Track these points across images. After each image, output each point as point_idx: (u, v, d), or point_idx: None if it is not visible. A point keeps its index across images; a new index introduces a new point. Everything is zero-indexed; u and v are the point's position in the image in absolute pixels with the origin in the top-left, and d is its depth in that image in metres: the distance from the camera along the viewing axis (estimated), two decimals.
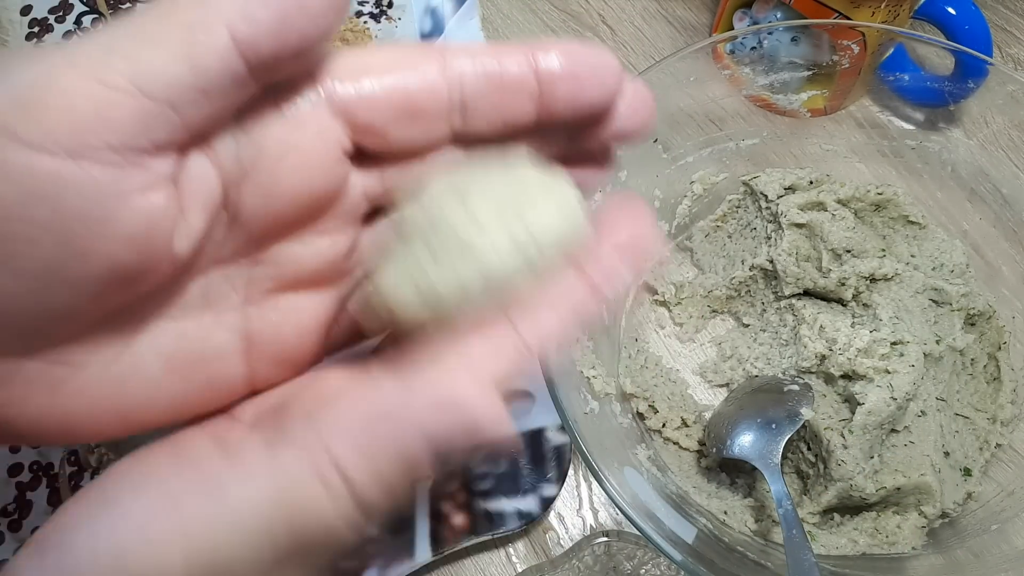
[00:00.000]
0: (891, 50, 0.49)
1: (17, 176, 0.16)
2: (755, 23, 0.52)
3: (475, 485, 0.42)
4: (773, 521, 0.41)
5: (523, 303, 0.21)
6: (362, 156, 0.21)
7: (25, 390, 0.19)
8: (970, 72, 0.45)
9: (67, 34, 0.58)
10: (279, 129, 0.20)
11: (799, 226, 0.45)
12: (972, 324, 0.45)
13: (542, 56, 0.21)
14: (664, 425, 0.44)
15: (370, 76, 0.20)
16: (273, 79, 0.19)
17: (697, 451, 0.44)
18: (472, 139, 0.22)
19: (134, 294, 0.19)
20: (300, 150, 0.20)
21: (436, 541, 0.41)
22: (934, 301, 0.45)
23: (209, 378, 0.22)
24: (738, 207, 0.49)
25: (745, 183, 0.48)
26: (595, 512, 0.44)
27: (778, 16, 0.51)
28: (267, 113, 0.19)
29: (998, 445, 0.43)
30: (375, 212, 0.23)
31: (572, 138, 0.23)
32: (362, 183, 0.22)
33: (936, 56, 0.49)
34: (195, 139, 0.18)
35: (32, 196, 0.17)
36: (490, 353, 0.20)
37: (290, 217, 0.21)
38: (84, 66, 0.17)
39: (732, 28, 0.54)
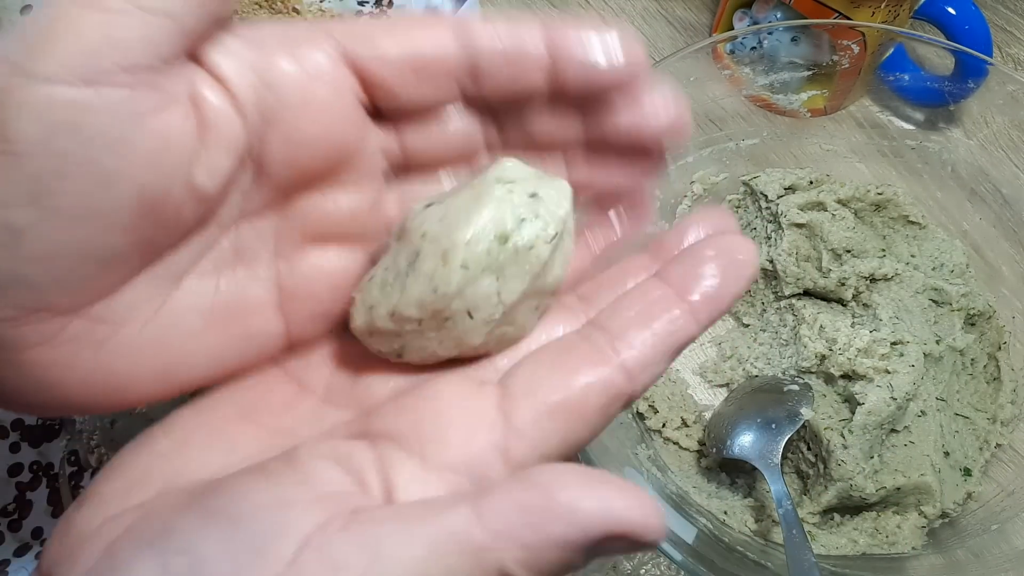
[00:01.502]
0: (891, 50, 0.49)
1: (40, 111, 0.17)
2: (755, 23, 0.52)
3: None
4: (773, 521, 0.41)
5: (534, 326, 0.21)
6: (379, 114, 0.22)
7: (72, 349, 0.20)
8: (970, 72, 0.45)
9: None
10: (297, 80, 0.20)
11: (799, 226, 0.45)
12: (972, 324, 0.45)
13: (558, 29, 0.21)
14: (664, 425, 0.44)
15: (383, 35, 0.21)
16: None
17: (697, 451, 0.44)
18: (485, 103, 0.22)
19: (164, 230, 0.20)
20: (319, 100, 0.21)
21: None
22: (934, 301, 0.45)
23: (247, 332, 0.22)
24: (738, 207, 0.49)
25: (745, 183, 0.48)
26: None
27: (778, 16, 0.51)
28: (285, 65, 0.20)
29: (998, 445, 0.43)
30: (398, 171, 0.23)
31: (595, 130, 0.22)
32: (380, 140, 0.22)
33: (936, 56, 0.49)
34: (202, 40, 0.19)
35: (56, 128, 0.17)
36: (597, 390, 0.19)
37: (313, 168, 0.21)
38: None
39: (732, 28, 0.54)
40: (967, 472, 0.42)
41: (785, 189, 0.47)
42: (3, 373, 0.20)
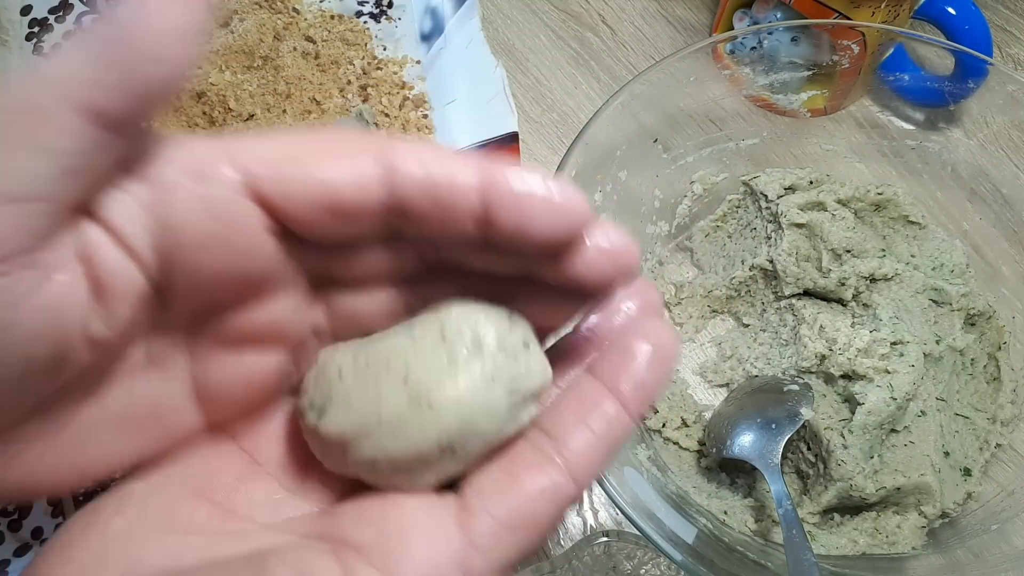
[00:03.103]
0: (891, 50, 0.49)
1: None
2: (755, 23, 0.52)
3: None
4: (773, 521, 0.41)
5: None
6: (294, 235, 0.20)
7: None
8: (970, 72, 0.45)
9: (67, 34, 0.58)
10: (197, 219, 0.19)
11: (799, 226, 0.45)
12: (972, 324, 0.45)
13: (494, 175, 0.19)
14: (664, 425, 0.44)
15: (294, 166, 0.19)
16: (138, 126, 0.18)
17: (697, 451, 0.44)
18: (413, 237, 0.21)
19: (61, 380, 0.19)
20: (220, 237, 0.19)
21: None
22: (934, 301, 0.45)
23: (166, 429, 0.22)
24: (738, 207, 0.49)
25: (745, 183, 0.48)
26: (595, 512, 0.44)
27: (778, 16, 0.51)
28: (183, 205, 0.19)
29: (998, 445, 0.43)
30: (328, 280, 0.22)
31: (534, 270, 0.21)
32: (297, 261, 0.21)
33: (936, 56, 0.49)
34: (81, 208, 0.18)
35: None
36: (535, 494, 0.20)
37: (221, 297, 0.21)
38: None
39: (732, 28, 0.54)
40: (967, 472, 0.42)
41: (785, 189, 0.47)
42: None
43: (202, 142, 0.20)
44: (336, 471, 0.22)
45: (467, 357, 0.21)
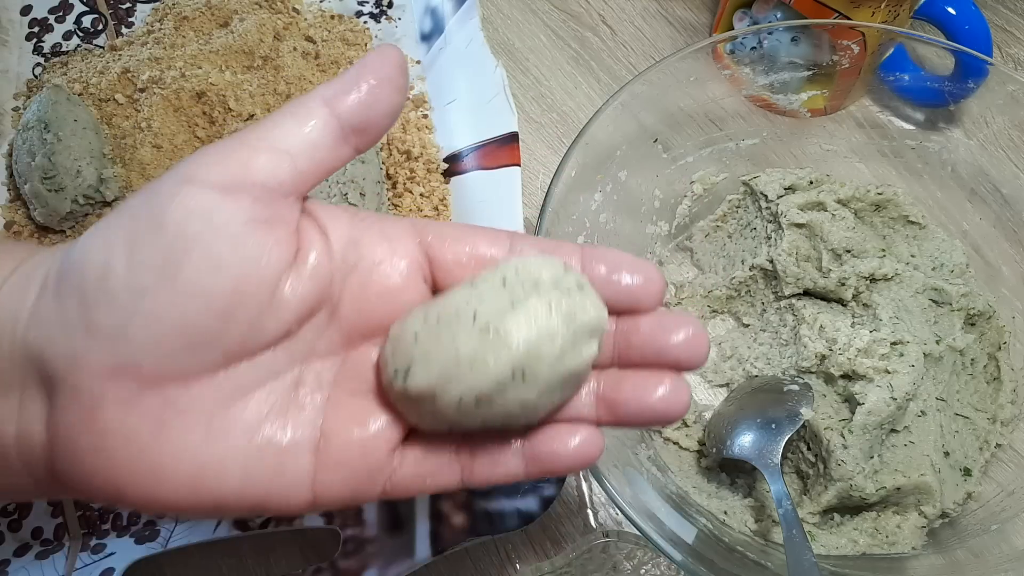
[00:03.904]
0: (891, 50, 0.49)
1: (187, 202, 0.23)
2: (755, 23, 0.52)
3: None
4: (773, 521, 0.41)
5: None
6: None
7: (136, 422, 0.23)
8: (970, 72, 0.45)
9: (67, 34, 0.58)
10: (380, 247, 0.26)
11: (799, 226, 0.45)
12: (972, 324, 0.45)
13: (597, 253, 0.27)
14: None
15: (454, 232, 0.27)
16: (363, 143, 0.26)
17: (697, 451, 0.44)
18: None
19: (247, 330, 0.23)
20: (393, 266, 0.26)
21: (436, 541, 0.41)
22: (934, 301, 0.45)
23: (278, 465, 0.24)
24: (738, 207, 0.49)
25: (745, 183, 0.48)
26: (595, 512, 0.44)
27: (778, 16, 0.51)
28: (374, 234, 0.26)
29: (998, 445, 0.43)
30: None
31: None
32: None
33: (936, 56, 0.49)
34: (308, 186, 0.25)
35: (191, 215, 0.23)
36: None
37: (377, 321, 0.26)
38: (250, 139, 0.25)
39: (732, 28, 0.54)
40: (967, 472, 0.42)
41: (785, 189, 0.47)
42: (74, 432, 0.23)
43: (390, 217, 0.28)
44: (431, 429, 0.26)
45: (526, 294, 0.24)
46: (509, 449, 0.26)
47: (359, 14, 0.59)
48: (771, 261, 0.45)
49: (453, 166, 0.51)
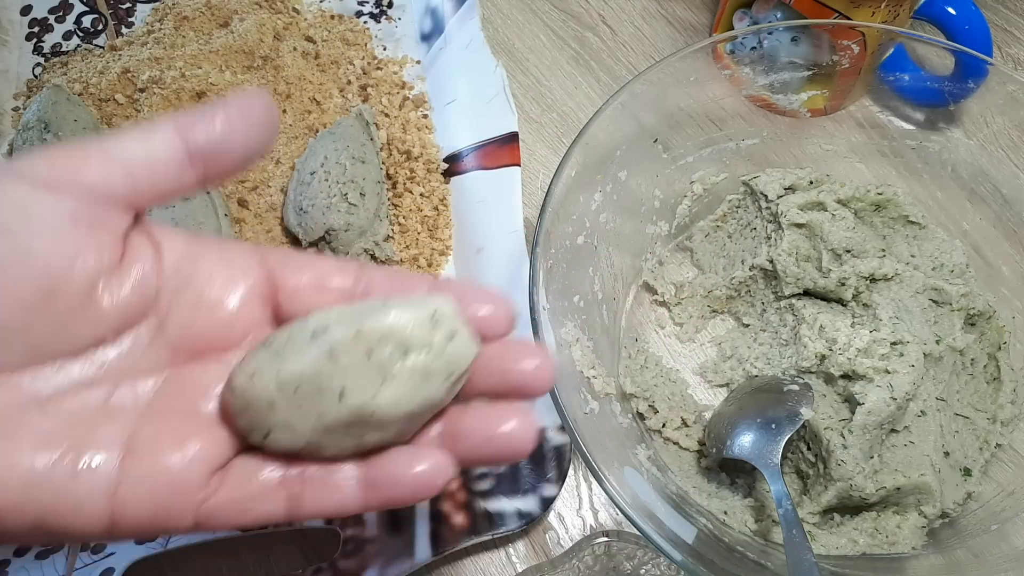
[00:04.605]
0: (891, 50, 0.49)
1: (5, 196, 0.23)
2: (755, 23, 0.52)
3: (475, 485, 0.42)
4: (773, 521, 0.41)
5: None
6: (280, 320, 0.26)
7: None
8: (970, 72, 0.45)
9: (67, 34, 0.58)
10: (218, 264, 0.26)
11: (799, 226, 0.45)
12: (972, 324, 0.45)
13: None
14: (664, 425, 0.44)
15: (300, 260, 0.26)
16: (211, 174, 0.25)
17: (697, 451, 0.44)
18: None
19: (55, 327, 0.23)
20: (226, 284, 0.25)
21: (436, 541, 0.41)
22: (934, 301, 0.45)
23: (70, 478, 0.22)
24: (738, 207, 0.49)
25: (745, 183, 0.48)
26: (595, 512, 0.44)
27: (778, 16, 0.51)
28: (212, 252, 0.26)
29: (998, 445, 0.43)
30: None
31: None
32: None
33: (936, 56, 0.49)
34: (144, 201, 0.24)
35: (8, 208, 0.22)
36: None
37: (207, 341, 0.25)
38: (89, 146, 0.24)
39: (732, 28, 0.53)
40: (967, 472, 0.42)
41: (785, 189, 0.46)
42: None
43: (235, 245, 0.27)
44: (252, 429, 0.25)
45: (399, 367, 0.23)
46: (343, 475, 0.24)
47: (359, 14, 0.59)
48: (771, 261, 0.45)
49: (453, 166, 0.51)
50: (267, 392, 0.23)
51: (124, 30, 0.58)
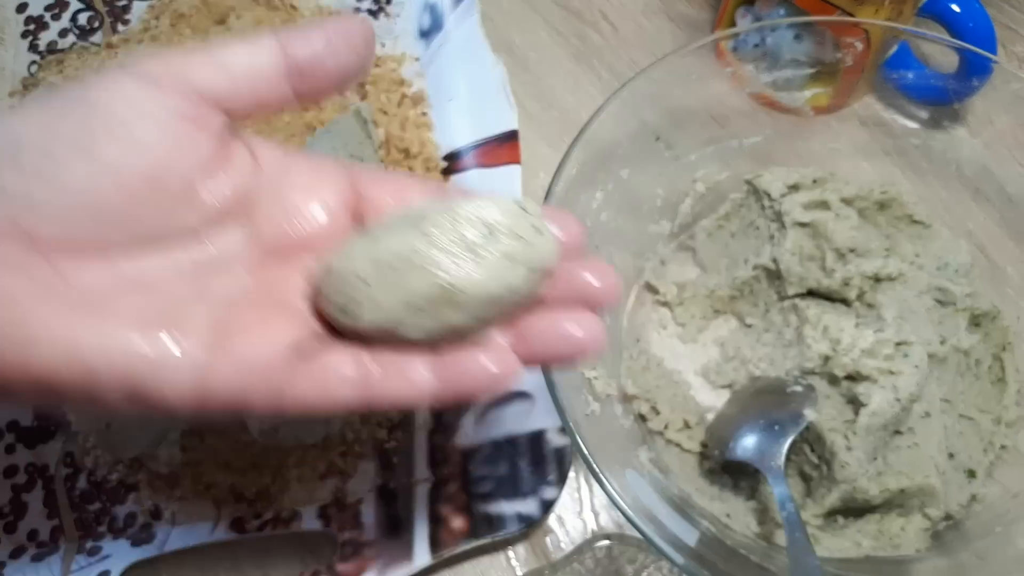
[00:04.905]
0: (895, 47, 0.49)
1: (117, 83, 0.24)
2: (758, 20, 0.52)
3: (475, 487, 0.42)
4: (776, 524, 0.40)
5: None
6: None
7: (18, 287, 0.22)
8: (974, 70, 0.45)
9: (63, 32, 0.57)
10: (310, 173, 0.28)
11: (803, 225, 0.45)
12: (977, 324, 0.45)
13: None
14: (666, 427, 0.44)
15: (383, 176, 0.30)
16: (306, 90, 0.26)
17: (699, 453, 0.44)
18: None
19: (154, 220, 0.24)
20: (317, 192, 0.27)
21: (435, 544, 0.40)
22: (939, 301, 0.44)
23: (163, 352, 0.23)
24: (741, 206, 0.48)
25: (748, 182, 0.48)
26: (596, 515, 0.44)
27: (781, 13, 0.51)
28: (304, 163, 0.28)
29: (1003, 447, 0.43)
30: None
31: None
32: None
33: (940, 54, 0.49)
34: (242, 107, 0.26)
35: (117, 95, 0.24)
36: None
37: (298, 245, 0.27)
38: (196, 51, 0.26)
39: (735, 25, 0.53)
40: (971, 474, 0.42)
41: (788, 188, 0.46)
42: None
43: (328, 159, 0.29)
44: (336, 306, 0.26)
45: (489, 250, 0.24)
46: (417, 365, 0.25)
47: (356, 10, 0.58)
48: (774, 260, 0.45)
49: (453, 164, 0.51)
50: (362, 269, 0.25)
51: (120, 28, 0.57)
